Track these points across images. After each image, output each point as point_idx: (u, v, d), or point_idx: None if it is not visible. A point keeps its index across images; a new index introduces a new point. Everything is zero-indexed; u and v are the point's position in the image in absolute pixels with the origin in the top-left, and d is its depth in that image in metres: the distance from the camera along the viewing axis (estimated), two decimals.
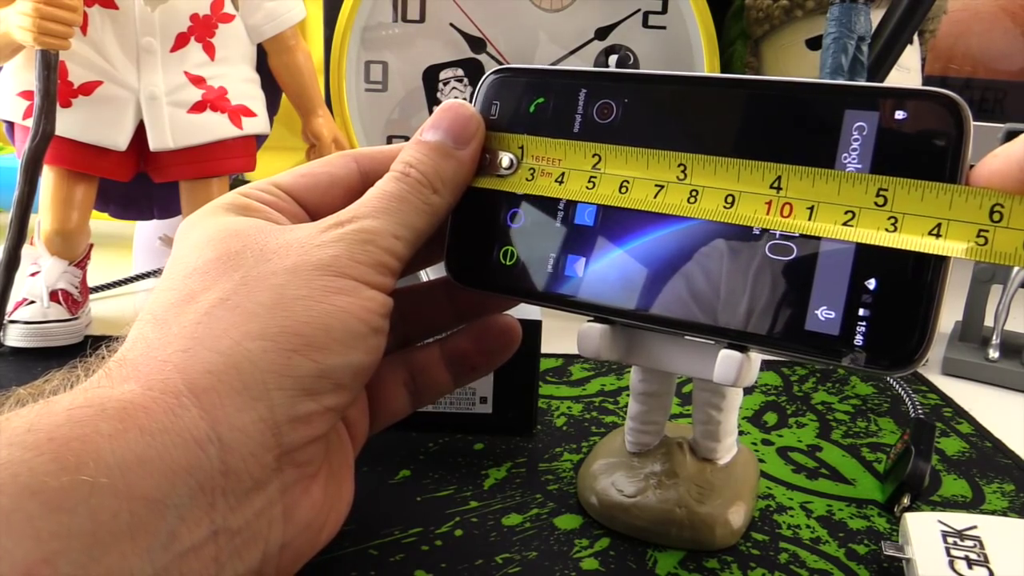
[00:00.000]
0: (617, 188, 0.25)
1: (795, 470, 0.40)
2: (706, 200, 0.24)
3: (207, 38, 0.55)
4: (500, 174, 0.27)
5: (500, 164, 0.27)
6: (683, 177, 0.24)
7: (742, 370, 0.25)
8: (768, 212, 0.23)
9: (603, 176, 0.25)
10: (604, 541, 0.33)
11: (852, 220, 0.22)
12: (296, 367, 0.22)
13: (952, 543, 0.31)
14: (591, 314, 0.28)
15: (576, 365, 0.52)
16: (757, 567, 0.32)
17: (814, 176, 0.23)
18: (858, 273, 0.23)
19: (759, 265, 0.24)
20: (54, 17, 0.46)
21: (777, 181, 0.23)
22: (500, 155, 0.27)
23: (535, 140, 0.27)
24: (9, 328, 0.51)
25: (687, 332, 0.26)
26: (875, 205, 0.22)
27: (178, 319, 0.22)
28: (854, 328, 0.23)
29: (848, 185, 0.22)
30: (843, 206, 0.22)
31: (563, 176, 0.26)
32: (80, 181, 0.53)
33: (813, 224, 0.22)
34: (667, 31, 0.70)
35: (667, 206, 0.25)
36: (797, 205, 0.23)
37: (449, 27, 0.71)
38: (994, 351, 0.55)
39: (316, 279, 0.23)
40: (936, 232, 0.21)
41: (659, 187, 0.25)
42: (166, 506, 0.19)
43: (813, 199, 0.23)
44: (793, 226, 0.23)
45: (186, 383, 0.21)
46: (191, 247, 0.25)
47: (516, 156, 0.27)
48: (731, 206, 0.24)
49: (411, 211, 0.26)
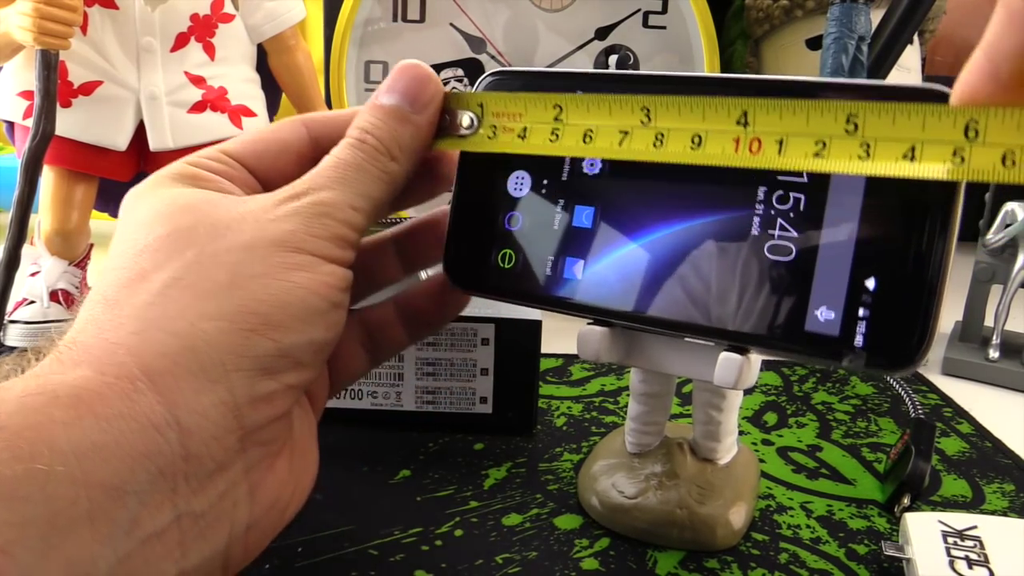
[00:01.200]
0: (581, 138, 0.24)
1: (795, 470, 0.40)
2: (672, 142, 0.23)
3: (207, 38, 0.55)
4: (461, 134, 0.26)
5: (460, 124, 0.26)
6: (647, 121, 0.24)
7: (742, 372, 0.25)
8: (736, 150, 0.22)
9: (566, 127, 0.25)
10: (604, 541, 0.33)
11: (823, 151, 0.21)
12: (254, 347, 0.21)
13: (952, 543, 0.31)
14: (591, 316, 0.28)
15: (576, 365, 0.52)
16: (757, 567, 0.32)
17: (781, 108, 0.22)
18: (858, 273, 0.23)
19: (758, 266, 0.24)
20: (54, 17, 0.46)
21: (744, 117, 0.22)
22: (460, 115, 0.26)
23: (495, 96, 0.26)
24: (9, 328, 0.51)
25: (687, 334, 0.26)
26: (846, 133, 0.21)
27: (130, 300, 0.21)
28: (854, 328, 0.23)
29: (817, 114, 0.22)
30: (813, 136, 0.21)
31: (525, 131, 0.25)
32: (80, 181, 0.53)
33: (783, 158, 0.22)
34: (667, 31, 0.70)
35: (633, 152, 0.24)
36: (766, 140, 0.22)
37: (449, 27, 0.71)
38: (994, 351, 0.55)
39: (272, 256, 0.22)
40: (910, 155, 0.20)
41: (623, 133, 0.24)
42: (126, 492, 0.19)
43: (782, 132, 0.22)
44: (763, 162, 0.22)
45: (140, 367, 0.20)
46: (139, 223, 0.24)
47: (476, 115, 0.26)
48: (698, 146, 0.23)
49: (368, 180, 0.25)
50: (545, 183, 0.28)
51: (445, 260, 0.30)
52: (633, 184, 0.27)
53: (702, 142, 0.23)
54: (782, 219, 0.24)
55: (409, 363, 0.41)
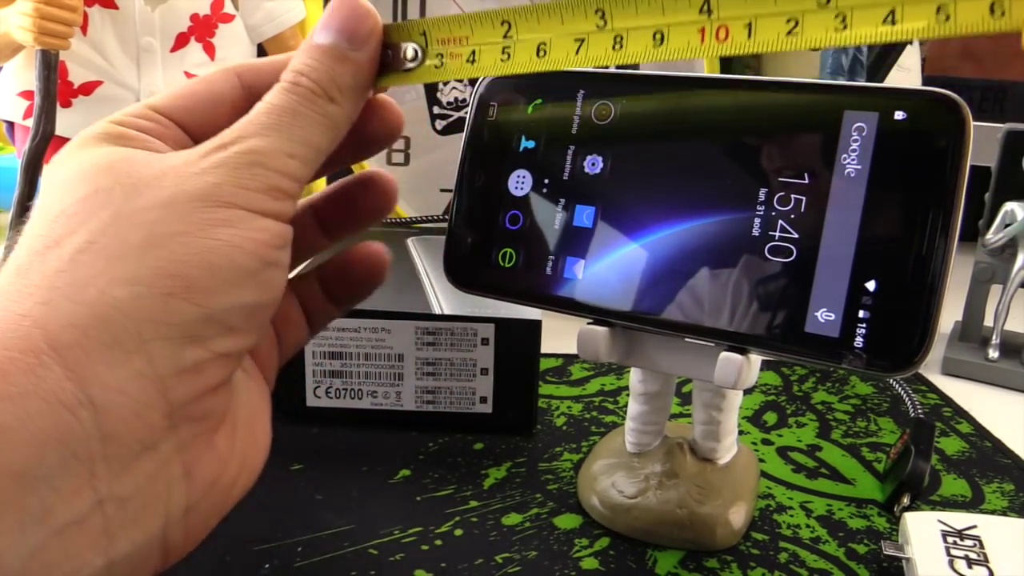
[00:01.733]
0: (534, 53, 0.23)
1: (795, 470, 0.40)
2: (632, 43, 0.22)
3: (207, 38, 0.55)
4: (406, 68, 0.25)
5: (405, 57, 0.25)
6: (603, 24, 0.22)
7: (742, 372, 0.25)
8: (703, 40, 0.21)
9: (517, 44, 0.23)
10: (604, 541, 0.33)
11: (796, 28, 0.20)
12: (175, 312, 0.19)
13: (952, 543, 0.31)
14: (591, 316, 0.28)
15: (576, 365, 0.52)
16: (757, 567, 0.32)
17: None
18: (858, 274, 0.23)
19: (758, 267, 0.24)
20: (54, 17, 0.46)
21: (706, 5, 0.21)
22: (403, 47, 0.25)
23: (438, 21, 0.24)
24: None
25: (687, 334, 0.26)
26: (819, 6, 0.20)
27: (40, 267, 0.20)
28: (854, 330, 0.23)
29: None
30: (783, 14, 0.20)
31: (474, 55, 0.24)
32: None
33: (753, 41, 0.21)
34: None
35: (591, 59, 0.22)
36: (733, 25, 0.21)
37: None
38: (994, 351, 0.55)
39: (195, 211, 0.20)
40: (890, 19, 0.19)
41: (579, 41, 0.23)
42: (35, 478, 0.17)
43: (749, 14, 0.21)
44: (732, 48, 0.21)
45: (47, 339, 0.18)
46: (59, 187, 0.22)
47: (420, 45, 0.24)
48: (661, 43, 0.22)
49: (306, 125, 0.23)
50: (546, 182, 0.28)
51: (445, 259, 0.30)
52: (634, 184, 0.27)
53: (664, 38, 0.22)
54: (783, 220, 0.24)
55: (409, 363, 0.41)
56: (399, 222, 0.74)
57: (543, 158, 0.28)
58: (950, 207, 0.22)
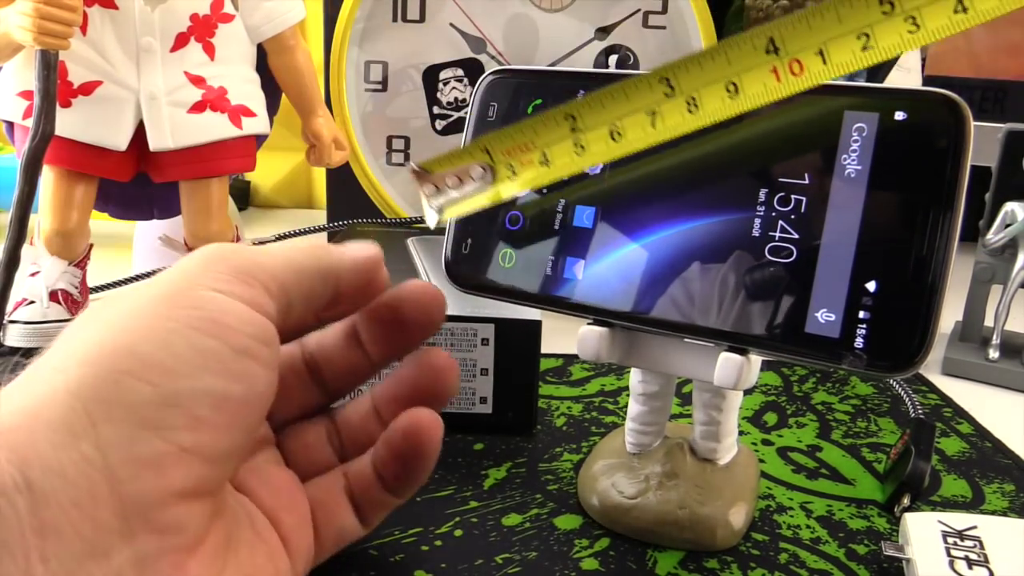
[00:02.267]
0: (608, 138, 0.22)
1: (795, 470, 0.40)
2: (707, 101, 0.21)
3: (207, 38, 0.55)
4: (478, 189, 0.24)
5: (472, 178, 0.24)
6: (672, 92, 0.21)
7: (742, 373, 0.25)
8: (779, 79, 0.20)
9: (587, 134, 0.22)
10: (604, 541, 0.33)
11: (870, 41, 0.19)
12: (129, 391, 0.17)
13: (952, 543, 0.31)
14: (590, 316, 0.28)
15: (576, 365, 0.52)
16: (757, 567, 0.32)
17: (808, 19, 0.20)
18: (858, 275, 0.23)
19: (759, 267, 0.24)
20: (54, 17, 0.46)
21: (771, 44, 0.20)
22: (469, 170, 0.24)
23: (496, 136, 0.24)
24: (9, 328, 0.51)
25: (687, 335, 0.26)
26: (884, 15, 0.19)
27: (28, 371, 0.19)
28: (855, 330, 0.23)
29: (846, 8, 0.20)
30: (853, 32, 0.19)
31: (545, 156, 0.23)
32: (80, 181, 0.53)
33: (830, 67, 0.20)
34: (667, 31, 0.70)
35: (670, 128, 0.21)
36: (805, 57, 0.20)
37: (449, 27, 0.71)
38: (994, 351, 0.55)
39: (159, 300, 0.19)
40: (961, 7, 0.18)
41: (651, 114, 0.22)
42: None
43: (818, 41, 0.20)
44: (811, 79, 0.20)
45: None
46: None
47: (486, 163, 0.24)
48: (736, 94, 0.21)
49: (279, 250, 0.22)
50: None
51: (445, 259, 0.30)
52: (634, 185, 0.27)
53: (738, 88, 0.21)
54: (783, 221, 0.24)
55: None
56: (399, 222, 0.74)
57: None
58: (950, 207, 0.22)
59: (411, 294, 0.25)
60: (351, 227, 0.69)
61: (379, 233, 0.67)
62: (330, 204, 0.79)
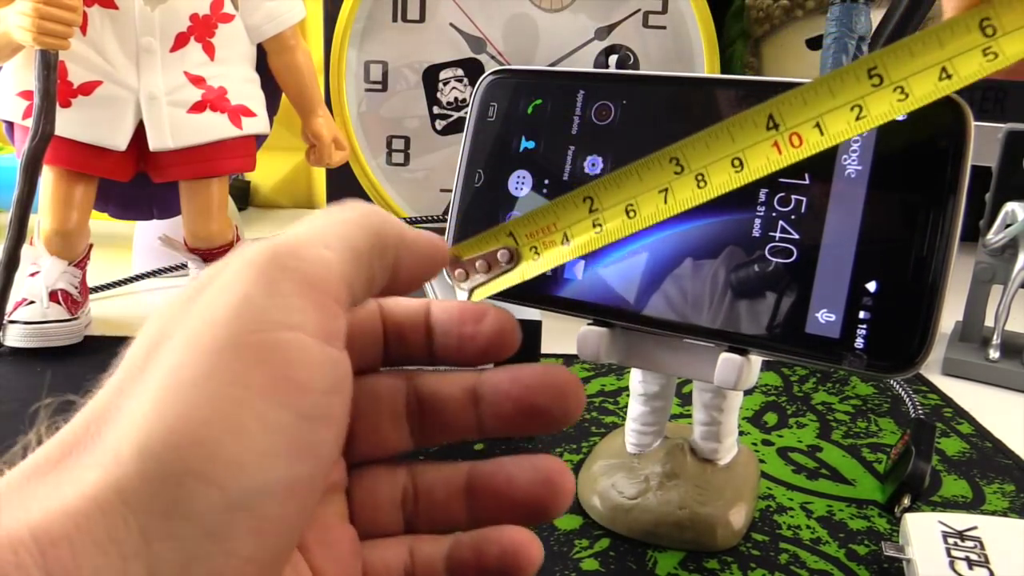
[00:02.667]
0: (625, 216, 0.24)
1: (795, 470, 0.40)
2: (715, 176, 0.22)
3: (207, 38, 0.55)
4: (504, 271, 0.25)
5: (500, 263, 0.25)
6: (681, 170, 0.23)
7: (742, 373, 0.25)
8: (780, 152, 0.22)
9: (604, 213, 0.24)
10: (604, 542, 0.33)
11: (863, 112, 0.21)
12: (191, 499, 0.14)
13: (952, 543, 0.31)
14: (591, 316, 0.28)
15: (576, 365, 0.52)
16: (757, 567, 0.32)
17: (803, 95, 0.21)
18: (858, 275, 0.23)
19: (759, 268, 0.24)
20: (54, 17, 0.46)
21: (770, 120, 0.22)
22: (496, 254, 0.25)
23: (521, 220, 0.25)
24: (9, 328, 0.51)
25: (687, 335, 0.26)
26: (874, 87, 0.21)
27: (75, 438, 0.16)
28: (855, 331, 0.23)
29: (838, 83, 0.21)
30: (846, 104, 0.21)
31: (566, 236, 0.24)
32: (80, 181, 0.53)
33: (825, 138, 0.21)
34: (667, 31, 0.70)
35: (681, 203, 0.23)
36: (803, 129, 0.21)
37: (449, 27, 0.71)
38: (994, 351, 0.55)
39: (223, 342, 0.15)
40: (946, 74, 0.20)
41: (663, 191, 0.23)
42: None
43: (814, 115, 0.21)
44: (810, 148, 0.21)
45: (32, 531, 0.14)
46: None
47: (511, 246, 0.25)
48: (741, 168, 0.22)
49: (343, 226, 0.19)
50: (546, 183, 0.28)
51: None
52: None
53: (743, 163, 0.22)
54: (783, 221, 0.24)
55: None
56: None
57: (543, 158, 0.28)
58: (951, 208, 0.22)
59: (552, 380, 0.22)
60: None
61: None
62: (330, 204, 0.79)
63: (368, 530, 0.22)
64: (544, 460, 0.22)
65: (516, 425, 0.22)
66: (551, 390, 0.22)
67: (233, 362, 0.15)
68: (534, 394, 0.22)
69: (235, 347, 0.15)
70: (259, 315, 0.16)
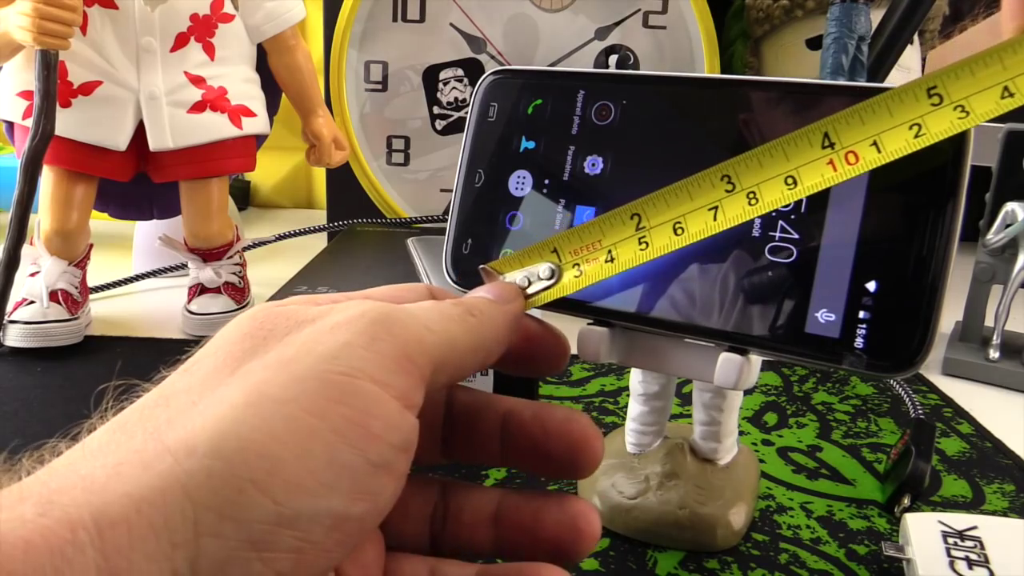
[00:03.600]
0: (672, 233, 0.23)
1: (795, 470, 0.40)
2: (768, 194, 0.22)
3: (207, 38, 0.55)
4: (545, 288, 0.25)
5: (540, 278, 0.25)
6: (732, 188, 0.23)
7: (743, 373, 0.25)
8: (835, 169, 0.22)
9: (652, 231, 0.24)
10: (604, 542, 0.33)
11: (921, 131, 0.21)
12: (248, 505, 0.15)
13: (952, 543, 0.31)
14: (591, 316, 0.28)
15: (576, 365, 0.52)
16: (757, 567, 0.32)
17: (860, 114, 0.21)
18: (859, 275, 0.23)
19: (759, 267, 0.24)
20: (54, 17, 0.46)
21: (826, 139, 0.22)
22: (538, 269, 0.25)
23: (566, 236, 0.25)
24: (9, 328, 0.51)
25: (687, 335, 0.26)
26: (933, 106, 0.21)
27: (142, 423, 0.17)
28: (855, 330, 0.23)
29: (896, 102, 0.21)
30: (905, 123, 0.21)
31: (611, 254, 0.24)
32: (80, 181, 0.53)
33: (883, 155, 0.21)
34: (667, 31, 0.70)
35: (731, 220, 0.23)
36: (859, 148, 0.21)
37: (449, 27, 0.71)
38: (994, 351, 0.55)
39: (311, 377, 0.17)
40: (1008, 93, 0.20)
41: (713, 208, 0.23)
42: None
43: (872, 134, 0.21)
44: (866, 166, 0.21)
45: (92, 511, 0.14)
46: None
47: (554, 263, 0.25)
48: (795, 186, 0.22)
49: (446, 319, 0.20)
50: (547, 183, 0.28)
51: (446, 259, 0.30)
52: (634, 185, 0.27)
53: (797, 181, 0.22)
54: (783, 221, 0.24)
55: None
56: (399, 222, 0.74)
57: (543, 158, 0.28)
58: (951, 207, 0.22)
59: (572, 430, 0.22)
60: (351, 227, 0.69)
61: (379, 233, 0.67)
62: (330, 204, 0.79)
63: (395, 540, 0.22)
64: (574, 503, 0.22)
65: (529, 465, 0.23)
66: (568, 440, 0.22)
67: (316, 394, 0.16)
68: (552, 441, 0.22)
69: (322, 381, 0.17)
70: (352, 361, 0.17)
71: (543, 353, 0.25)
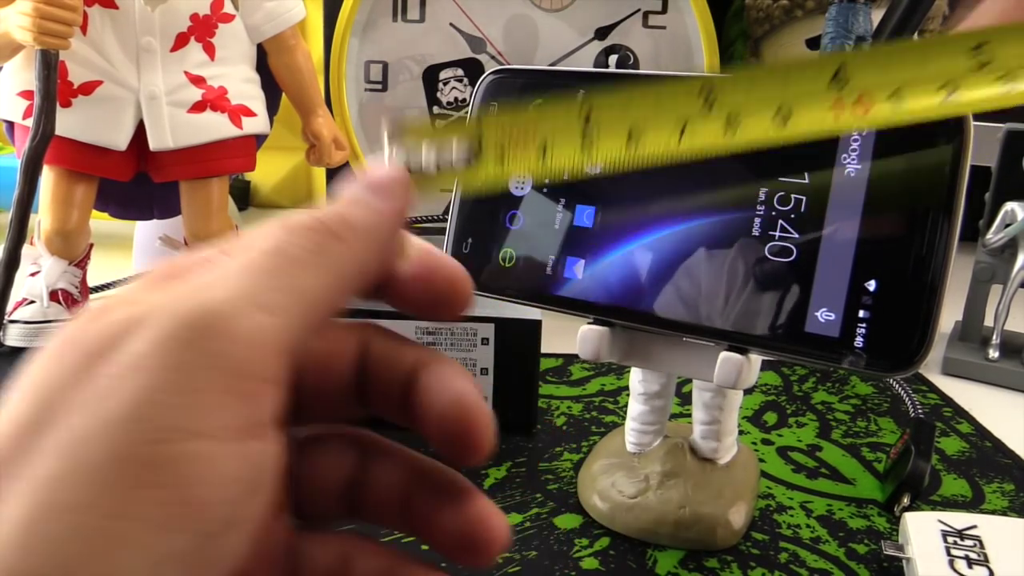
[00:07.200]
0: (625, 138, 0.19)
1: (795, 470, 0.40)
2: (749, 124, 0.18)
3: (207, 38, 0.55)
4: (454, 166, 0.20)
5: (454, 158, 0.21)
6: (710, 107, 0.18)
7: (742, 372, 0.25)
8: (836, 116, 0.18)
9: (600, 132, 0.19)
10: (604, 541, 0.33)
11: (952, 95, 0.17)
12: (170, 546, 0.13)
13: (952, 543, 0.31)
14: (591, 316, 0.28)
15: (576, 365, 0.52)
16: (757, 567, 0.32)
17: (886, 54, 0.17)
18: (858, 275, 0.23)
19: (759, 267, 0.24)
20: (54, 17, 0.46)
21: (837, 74, 0.17)
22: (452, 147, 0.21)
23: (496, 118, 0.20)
24: (9, 328, 0.51)
25: (687, 334, 0.26)
26: (977, 68, 0.17)
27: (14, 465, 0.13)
28: (854, 330, 0.23)
29: (935, 52, 0.17)
30: (937, 80, 0.17)
31: (545, 148, 0.20)
32: (80, 181, 0.53)
33: (897, 113, 0.17)
34: (667, 31, 0.70)
35: (698, 144, 0.19)
36: (874, 96, 0.17)
37: (449, 27, 0.71)
38: (994, 351, 0.55)
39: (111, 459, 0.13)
40: None
41: (681, 125, 0.19)
42: None
43: (894, 82, 0.17)
44: (873, 121, 0.18)
45: None
46: None
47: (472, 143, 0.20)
48: (784, 122, 0.18)
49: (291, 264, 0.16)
50: (546, 182, 0.28)
51: None
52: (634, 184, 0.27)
53: (789, 117, 0.18)
54: (783, 220, 0.24)
55: None
56: None
57: None
58: (950, 207, 0.22)
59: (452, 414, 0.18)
60: None
61: None
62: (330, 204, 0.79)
63: (307, 509, 0.19)
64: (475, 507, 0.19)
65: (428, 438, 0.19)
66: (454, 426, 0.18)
67: (119, 485, 0.13)
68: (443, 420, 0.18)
69: (124, 463, 0.13)
70: (162, 420, 0.13)
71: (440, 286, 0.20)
